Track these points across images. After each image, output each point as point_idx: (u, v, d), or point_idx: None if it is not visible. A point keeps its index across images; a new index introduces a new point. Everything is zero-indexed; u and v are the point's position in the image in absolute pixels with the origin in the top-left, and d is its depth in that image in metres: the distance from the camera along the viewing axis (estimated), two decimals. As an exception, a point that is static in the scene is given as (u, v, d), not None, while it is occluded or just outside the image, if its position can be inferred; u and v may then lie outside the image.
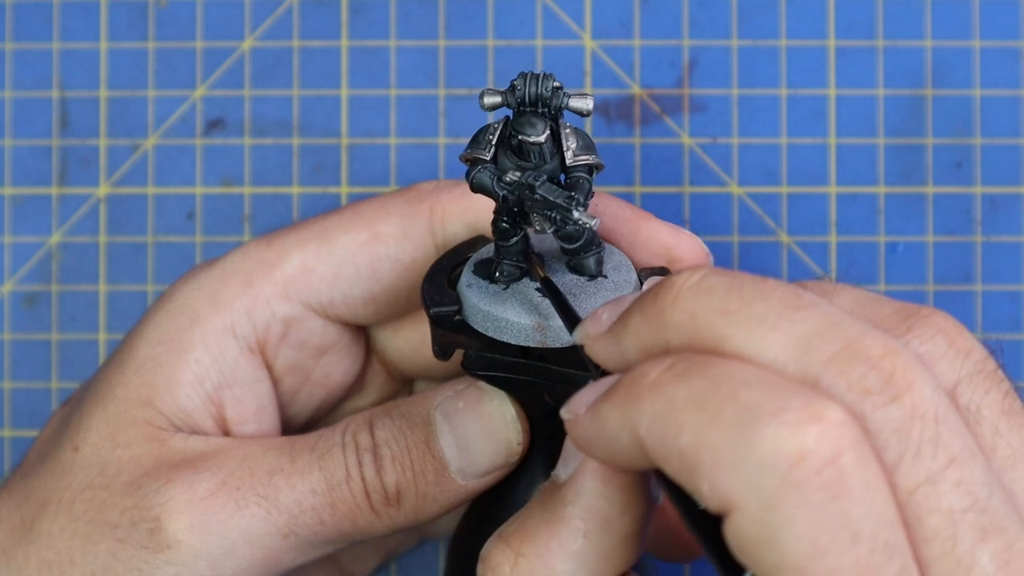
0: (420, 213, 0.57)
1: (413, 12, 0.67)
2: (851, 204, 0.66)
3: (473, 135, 0.52)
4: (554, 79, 0.51)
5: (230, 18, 0.67)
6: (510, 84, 0.51)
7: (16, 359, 0.67)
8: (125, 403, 0.56)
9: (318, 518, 0.54)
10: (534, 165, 0.51)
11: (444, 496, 0.54)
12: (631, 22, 0.67)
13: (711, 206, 0.66)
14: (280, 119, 0.67)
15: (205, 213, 0.67)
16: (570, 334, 0.50)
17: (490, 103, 0.51)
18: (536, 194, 0.50)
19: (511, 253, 0.53)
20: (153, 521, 0.53)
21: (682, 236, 0.56)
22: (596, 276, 0.53)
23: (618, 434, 0.44)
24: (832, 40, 0.66)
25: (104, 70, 0.67)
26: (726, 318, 0.44)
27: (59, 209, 0.67)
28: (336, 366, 0.59)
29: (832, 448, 0.41)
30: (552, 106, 0.51)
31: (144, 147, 0.67)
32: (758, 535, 0.41)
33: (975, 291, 0.66)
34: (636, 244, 0.55)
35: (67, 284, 0.67)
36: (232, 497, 0.54)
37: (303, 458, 0.54)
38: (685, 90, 0.67)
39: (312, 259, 0.57)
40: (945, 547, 0.42)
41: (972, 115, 0.66)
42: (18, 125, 0.67)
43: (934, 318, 0.46)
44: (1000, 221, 0.66)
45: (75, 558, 0.54)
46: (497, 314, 0.52)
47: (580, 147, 0.51)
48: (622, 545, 0.48)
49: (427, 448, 0.54)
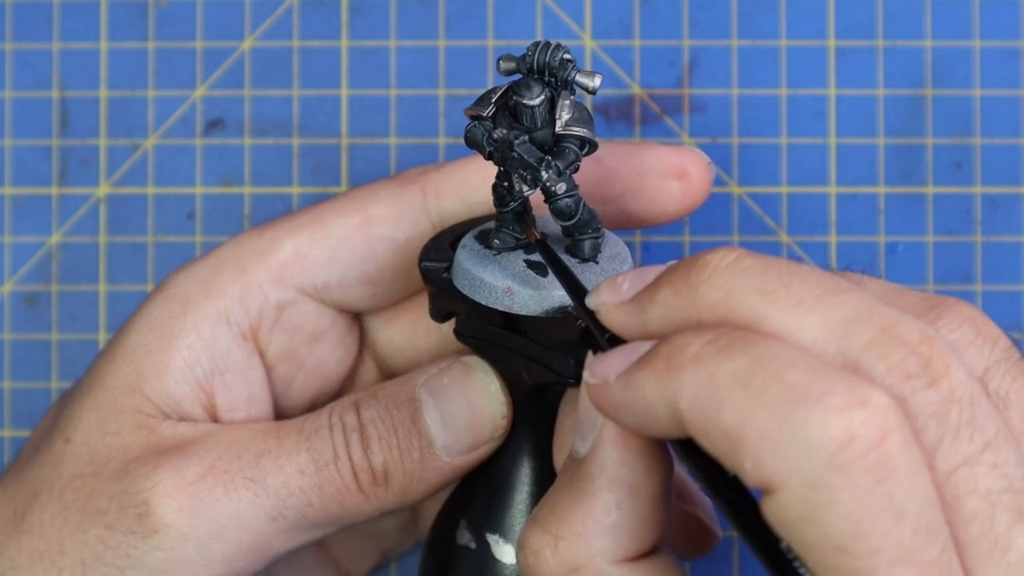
0: (412, 193, 0.58)
1: (413, 12, 0.67)
2: (851, 204, 0.66)
3: (481, 94, 0.53)
4: (566, 51, 0.52)
5: (230, 18, 0.67)
6: (524, 50, 0.52)
7: (16, 359, 0.67)
8: (114, 391, 0.56)
9: (306, 499, 0.54)
10: (525, 128, 0.52)
11: (431, 474, 0.54)
12: (631, 22, 0.67)
13: (711, 206, 0.66)
14: (280, 119, 0.67)
15: (205, 213, 0.67)
16: (570, 297, 0.51)
17: (506, 68, 0.52)
18: (514, 151, 0.52)
19: (508, 221, 0.53)
20: (141, 506, 0.54)
21: (684, 152, 0.57)
22: (587, 260, 0.54)
23: (655, 405, 0.44)
24: (832, 40, 0.66)
25: (104, 70, 0.67)
26: (764, 298, 0.44)
27: (59, 209, 0.67)
28: (330, 354, 0.60)
29: (878, 432, 0.42)
30: (558, 77, 0.52)
31: (144, 147, 0.67)
32: (801, 513, 0.42)
33: (975, 291, 0.66)
34: (646, 171, 0.57)
35: (67, 284, 0.67)
36: (220, 480, 0.54)
37: (290, 439, 0.55)
38: (685, 90, 0.67)
39: (305, 244, 0.57)
40: (983, 528, 0.43)
41: (972, 115, 0.66)
42: (18, 125, 0.67)
43: (960, 307, 0.47)
44: (1000, 221, 0.66)
45: (65, 547, 0.54)
46: (475, 272, 0.53)
47: (573, 119, 0.52)
48: (653, 507, 0.48)
49: (413, 426, 0.54)
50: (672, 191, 0.57)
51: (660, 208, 0.57)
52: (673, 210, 0.57)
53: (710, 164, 0.57)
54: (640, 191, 0.57)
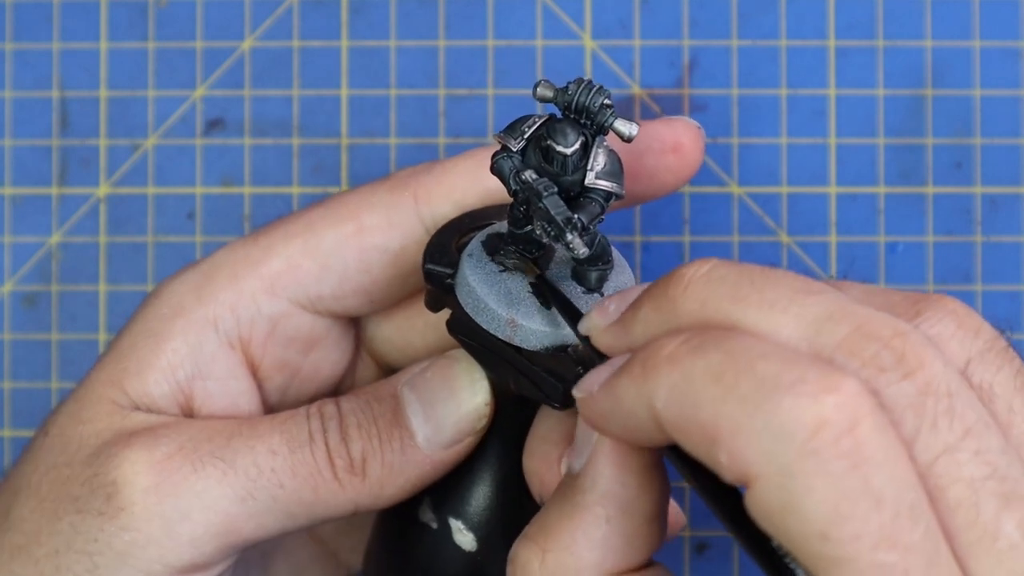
0: (404, 200, 0.57)
1: (413, 12, 0.67)
2: (851, 204, 0.66)
3: (512, 121, 0.51)
4: (608, 95, 0.50)
5: (230, 18, 0.67)
6: (565, 84, 0.50)
7: (16, 359, 0.67)
8: (94, 384, 0.56)
9: (277, 480, 0.54)
10: (554, 173, 0.50)
11: (409, 467, 0.54)
12: (631, 22, 0.67)
13: (711, 206, 0.66)
14: (280, 119, 0.67)
15: (205, 213, 0.67)
16: (571, 327, 0.50)
17: (542, 95, 0.50)
18: (540, 203, 0.49)
19: (520, 241, 0.52)
20: (110, 486, 0.53)
21: (676, 124, 0.57)
22: (593, 291, 0.53)
23: (635, 409, 0.45)
24: (832, 40, 0.66)
25: (104, 70, 0.67)
26: (738, 304, 0.45)
27: (59, 209, 0.67)
28: (325, 360, 0.59)
29: (850, 417, 0.42)
30: (595, 121, 0.50)
31: (144, 147, 0.67)
32: (780, 503, 0.42)
33: (975, 291, 0.66)
34: (642, 151, 0.56)
35: (67, 284, 0.67)
36: (188, 459, 0.53)
37: (264, 424, 0.55)
38: (685, 90, 0.67)
39: (298, 255, 0.57)
40: (969, 516, 0.43)
41: (972, 115, 0.66)
42: (18, 125, 0.67)
43: (942, 301, 0.47)
44: (1000, 221, 0.66)
45: (41, 538, 0.54)
46: (480, 294, 0.52)
47: (605, 172, 0.50)
48: (645, 527, 0.48)
49: (394, 417, 0.54)
50: (668, 165, 0.57)
51: (659, 183, 0.58)
52: (671, 183, 0.58)
53: (700, 130, 0.58)
54: (637, 171, 0.57)
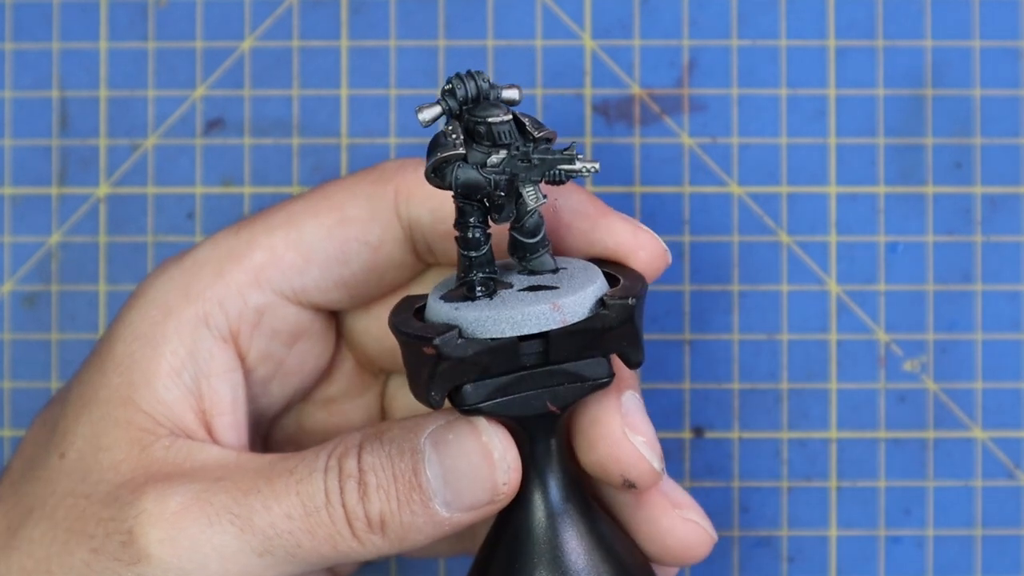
0: (386, 194, 0.57)
1: (413, 12, 0.67)
2: (851, 204, 0.66)
3: (431, 144, 0.53)
4: (480, 72, 0.53)
5: (230, 18, 0.67)
6: (441, 91, 0.52)
7: (16, 359, 0.67)
8: (107, 405, 0.56)
9: (295, 541, 0.53)
10: (509, 144, 0.52)
11: (429, 527, 0.54)
12: (631, 22, 0.67)
13: (711, 206, 0.66)
14: (280, 119, 0.67)
15: (205, 213, 0.67)
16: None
17: (429, 116, 0.52)
18: (534, 159, 0.52)
19: (483, 263, 0.53)
20: (126, 534, 0.53)
21: (640, 233, 0.56)
22: (556, 269, 0.54)
23: None
24: (832, 40, 0.66)
25: (104, 70, 0.67)
26: None
27: (59, 209, 0.67)
28: (308, 352, 0.59)
29: None
30: (491, 98, 0.53)
31: (144, 147, 0.67)
32: None
33: (975, 291, 0.66)
34: (593, 241, 0.56)
35: (67, 284, 0.67)
36: (204, 512, 0.53)
37: (281, 481, 0.54)
38: (685, 90, 0.67)
39: (281, 246, 0.57)
40: None
41: (972, 115, 0.66)
42: (18, 125, 0.67)
43: None
44: (1000, 221, 0.66)
45: (52, 567, 0.54)
46: (510, 313, 0.52)
47: (532, 123, 0.53)
48: None
49: (414, 477, 0.53)
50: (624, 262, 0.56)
51: None
52: None
53: (666, 251, 0.56)
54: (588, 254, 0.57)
